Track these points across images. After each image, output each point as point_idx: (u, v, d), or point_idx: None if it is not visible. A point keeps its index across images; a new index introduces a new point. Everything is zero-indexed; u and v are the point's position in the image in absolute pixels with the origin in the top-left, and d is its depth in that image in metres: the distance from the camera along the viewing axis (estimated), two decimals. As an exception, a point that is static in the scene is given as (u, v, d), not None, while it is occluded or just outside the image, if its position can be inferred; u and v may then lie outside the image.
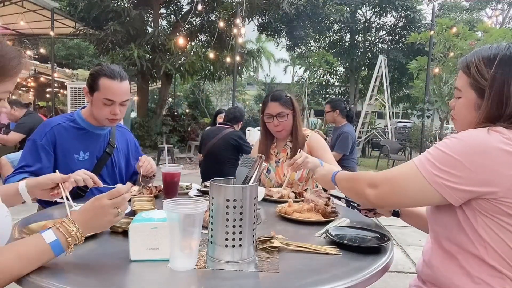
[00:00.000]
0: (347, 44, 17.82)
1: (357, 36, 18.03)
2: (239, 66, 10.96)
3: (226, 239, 1.00)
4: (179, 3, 12.23)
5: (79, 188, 1.70)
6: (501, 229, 0.94)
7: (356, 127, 11.69)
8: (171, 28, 12.34)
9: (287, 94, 2.16)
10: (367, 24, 17.27)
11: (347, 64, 17.55)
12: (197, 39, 12.41)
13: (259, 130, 2.32)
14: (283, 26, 15.78)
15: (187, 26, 11.59)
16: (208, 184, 1.33)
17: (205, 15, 11.46)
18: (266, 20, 14.28)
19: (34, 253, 0.88)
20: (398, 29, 16.62)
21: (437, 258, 1.06)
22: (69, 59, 19.28)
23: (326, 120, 8.25)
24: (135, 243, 0.98)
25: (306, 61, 16.49)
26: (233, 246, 1.00)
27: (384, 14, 16.51)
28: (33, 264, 0.89)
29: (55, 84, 11.20)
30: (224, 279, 0.92)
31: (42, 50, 15.44)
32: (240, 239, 1.00)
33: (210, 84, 16.21)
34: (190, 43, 11.49)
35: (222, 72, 11.97)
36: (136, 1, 10.92)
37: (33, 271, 0.88)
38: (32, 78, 14.74)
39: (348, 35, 17.94)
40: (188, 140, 11.95)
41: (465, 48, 9.28)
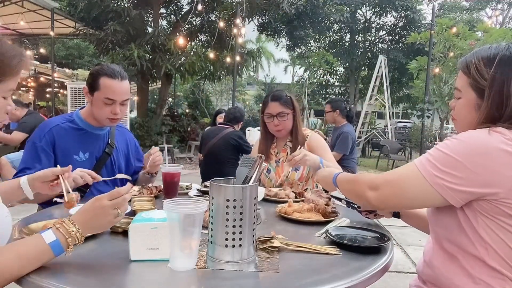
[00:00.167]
0: (347, 44, 17.84)
1: (357, 36, 18.05)
2: (239, 66, 10.95)
3: (226, 239, 1.00)
4: (179, 3, 12.21)
5: (79, 189, 1.70)
6: (502, 230, 0.94)
7: (356, 127, 11.70)
8: (171, 28, 12.31)
9: (287, 94, 2.17)
10: (367, 24, 17.28)
11: (347, 64, 17.56)
12: (197, 39, 12.39)
13: (259, 130, 2.32)
14: (283, 26, 15.76)
15: (187, 26, 11.56)
16: (208, 184, 1.33)
17: (205, 15, 11.44)
18: (266, 20, 14.25)
19: (34, 253, 0.89)
20: (398, 29, 16.63)
21: (438, 258, 1.06)
22: (69, 59, 19.29)
23: (326, 120, 8.25)
24: (135, 243, 0.98)
25: (306, 61, 16.49)
26: (233, 246, 1.00)
27: (384, 14, 16.53)
28: (33, 264, 0.89)
29: (55, 84, 11.21)
30: (224, 279, 0.92)
31: (42, 50, 15.43)
32: (240, 239, 1.00)
33: (210, 84, 16.20)
34: (190, 43, 11.47)
35: (222, 72, 11.95)
36: (136, 1, 10.90)
37: (33, 271, 0.89)
38: (32, 78, 14.77)
39: (348, 35, 17.96)
40: (188, 140, 11.96)
41: (465, 48, 9.28)
